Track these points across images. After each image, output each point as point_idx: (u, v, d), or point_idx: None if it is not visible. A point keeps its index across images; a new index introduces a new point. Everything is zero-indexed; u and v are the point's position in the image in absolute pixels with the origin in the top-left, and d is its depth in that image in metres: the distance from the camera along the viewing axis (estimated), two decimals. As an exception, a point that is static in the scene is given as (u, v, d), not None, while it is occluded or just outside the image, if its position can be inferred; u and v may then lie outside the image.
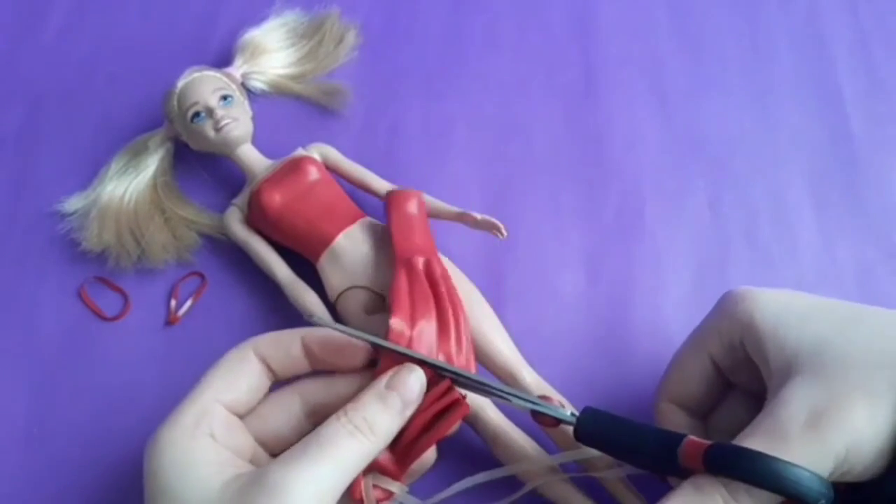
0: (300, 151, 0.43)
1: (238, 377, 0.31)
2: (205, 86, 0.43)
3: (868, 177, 0.46)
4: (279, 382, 0.33)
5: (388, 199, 0.41)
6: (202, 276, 0.43)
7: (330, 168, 0.43)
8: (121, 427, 0.39)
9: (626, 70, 0.49)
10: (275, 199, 0.40)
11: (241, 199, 0.42)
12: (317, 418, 0.31)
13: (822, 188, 0.45)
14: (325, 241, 0.40)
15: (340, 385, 0.32)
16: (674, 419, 0.34)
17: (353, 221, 0.40)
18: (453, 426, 0.32)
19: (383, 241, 0.40)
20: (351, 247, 0.39)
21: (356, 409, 0.29)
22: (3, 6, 0.52)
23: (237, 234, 0.42)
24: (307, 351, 0.32)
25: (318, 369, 0.32)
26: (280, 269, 0.41)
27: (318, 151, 0.43)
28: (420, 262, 0.38)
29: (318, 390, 0.32)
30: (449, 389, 0.31)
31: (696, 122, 0.48)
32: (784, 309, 0.31)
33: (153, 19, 0.52)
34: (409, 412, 0.30)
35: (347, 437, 0.28)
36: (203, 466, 0.28)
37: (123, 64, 0.50)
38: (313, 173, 0.41)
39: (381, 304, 0.38)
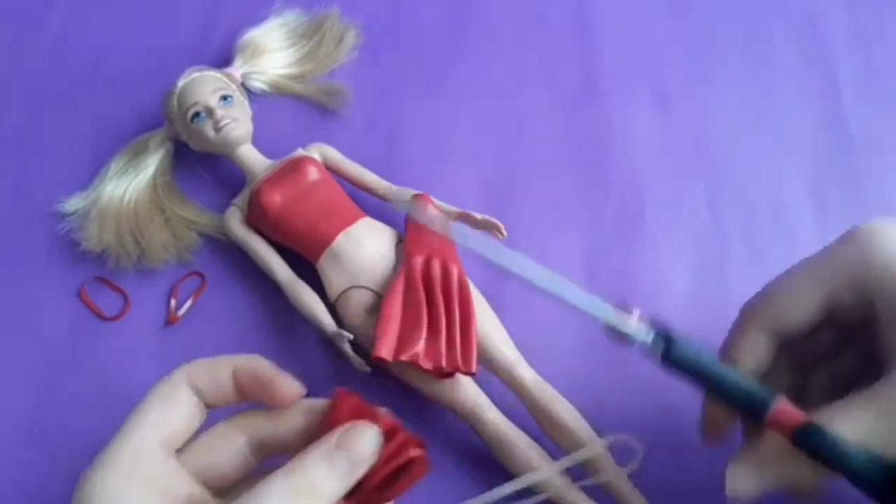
0: (300, 151, 0.43)
1: (173, 409, 0.28)
2: (205, 86, 0.43)
3: (868, 177, 0.46)
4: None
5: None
6: (202, 276, 0.43)
7: (330, 168, 0.43)
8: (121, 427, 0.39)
9: (626, 70, 0.49)
10: (275, 199, 0.40)
11: (241, 199, 0.42)
12: (262, 454, 0.29)
13: (822, 188, 0.45)
14: (325, 242, 0.40)
15: (288, 420, 0.29)
16: (757, 349, 0.31)
17: (353, 221, 0.40)
18: (412, 484, 0.29)
19: (383, 241, 0.40)
20: (351, 247, 0.39)
21: (299, 468, 0.26)
22: (3, 6, 0.52)
23: (237, 235, 0.42)
24: (237, 381, 0.29)
25: (247, 401, 0.30)
26: (280, 269, 0.41)
27: (318, 151, 0.43)
28: (419, 262, 0.38)
29: (263, 425, 0.30)
30: (404, 445, 0.28)
31: (696, 122, 0.48)
32: None
33: (153, 19, 0.52)
34: (359, 473, 0.27)
35: (287, 499, 0.26)
36: None
37: (123, 64, 0.50)
38: (313, 173, 0.41)
39: (381, 303, 0.38)
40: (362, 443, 0.27)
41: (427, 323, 0.36)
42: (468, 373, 0.36)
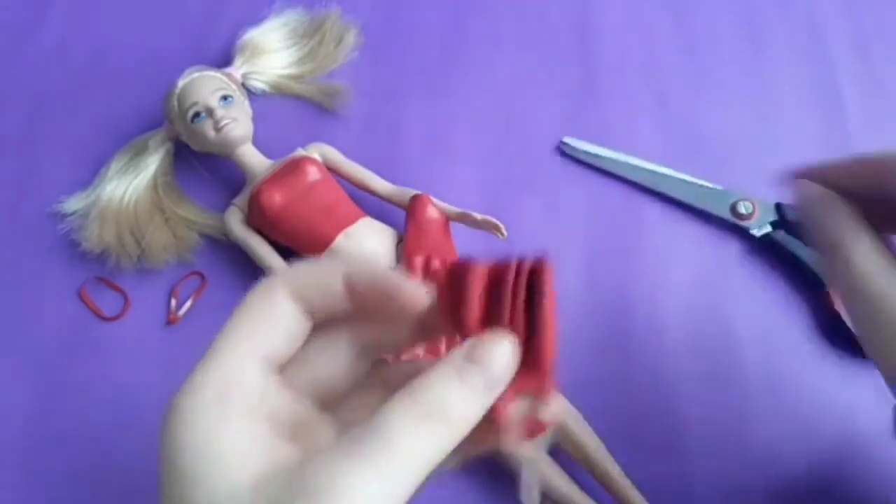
0: (300, 152, 0.43)
1: (270, 324, 0.24)
2: (205, 86, 0.43)
3: (868, 177, 0.46)
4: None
5: (410, 204, 0.41)
6: (202, 276, 0.43)
7: (330, 168, 0.43)
8: (121, 427, 0.39)
9: (626, 70, 0.49)
10: (275, 199, 0.40)
11: (242, 199, 0.42)
12: (372, 355, 0.25)
13: (821, 188, 0.45)
14: (326, 242, 0.40)
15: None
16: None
17: (353, 221, 0.40)
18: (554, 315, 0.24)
19: (384, 241, 0.40)
20: (351, 247, 0.39)
21: (425, 388, 0.22)
22: (3, 7, 0.52)
23: (237, 234, 0.42)
24: (350, 290, 0.24)
25: (362, 313, 0.25)
26: (280, 269, 0.41)
27: (318, 151, 0.43)
28: (419, 262, 0.38)
29: (368, 324, 0.25)
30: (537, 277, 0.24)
31: (696, 122, 0.48)
32: None
33: (153, 19, 0.52)
34: (496, 392, 0.22)
35: (414, 426, 0.21)
36: (230, 459, 0.21)
37: (124, 64, 0.50)
38: (313, 173, 0.41)
39: None
40: (498, 355, 0.22)
41: None
42: None
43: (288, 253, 0.41)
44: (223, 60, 0.47)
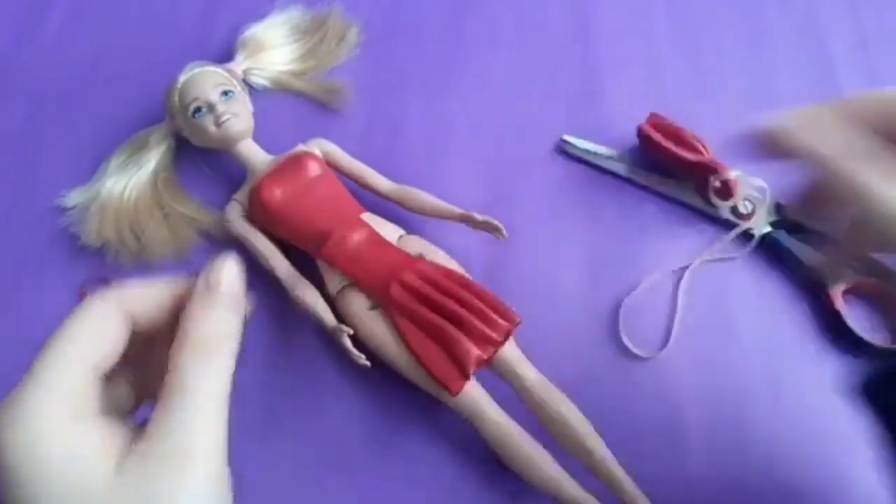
0: (301, 147, 0.43)
1: (105, 334, 0.25)
2: (206, 81, 0.43)
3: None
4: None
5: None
6: (201, 274, 0.43)
7: (330, 164, 0.43)
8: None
9: (626, 70, 0.49)
10: (275, 194, 0.40)
11: (242, 194, 0.42)
12: (136, 328, 0.26)
13: (822, 188, 0.45)
14: (326, 237, 0.39)
15: (161, 291, 0.27)
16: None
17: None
18: None
19: (384, 236, 0.40)
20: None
21: (192, 325, 0.25)
22: (3, 5, 0.52)
23: (237, 230, 0.42)
24: (175, 303, 0.26)
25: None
26: (280, 264, 0.40)
27: (318, 147, 0.43)
28: (398, 289, 0.38)
29: (138, 301, 0.26)
30: None
31: (696, 121, 0.47)
32: None
33: (154, 14, 0.52)
34: (242, 304, 0.26)
35: (201, 362, 0.24)
36: (92, 456, 0.23)
37: (124, 61, 0.50)
38: (314, 169, 0.41)
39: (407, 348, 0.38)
40: (226, 271, 0.26)
41: (452, 324, 0.36)
42: (517, 323, 0.37)
43: (288, 248, 0.41)
44: (224, 58, 0.47)
